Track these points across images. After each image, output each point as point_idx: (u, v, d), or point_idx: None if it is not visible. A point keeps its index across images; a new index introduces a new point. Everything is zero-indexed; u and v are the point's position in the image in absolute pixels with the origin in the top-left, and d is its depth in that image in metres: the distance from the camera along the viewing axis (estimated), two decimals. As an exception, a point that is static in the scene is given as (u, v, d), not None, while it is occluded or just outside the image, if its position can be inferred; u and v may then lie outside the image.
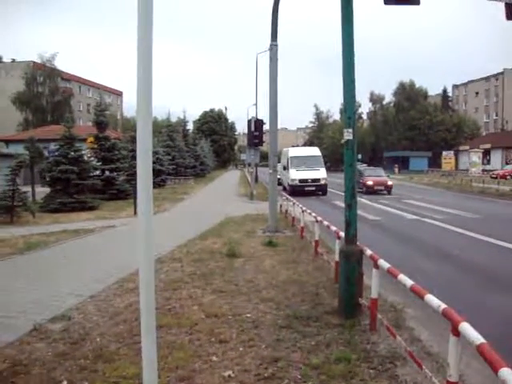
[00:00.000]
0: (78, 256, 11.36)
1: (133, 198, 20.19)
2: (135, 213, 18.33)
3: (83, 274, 9.23)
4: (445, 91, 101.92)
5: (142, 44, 2.77)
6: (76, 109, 76.74)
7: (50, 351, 5.39)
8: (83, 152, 24.47)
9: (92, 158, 27.46)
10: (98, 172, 27.59)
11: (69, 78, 75.05)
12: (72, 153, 22.75)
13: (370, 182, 31.11)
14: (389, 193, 31.05)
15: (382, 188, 31.37)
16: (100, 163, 28.07)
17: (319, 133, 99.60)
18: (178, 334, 5.91)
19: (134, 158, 28.65)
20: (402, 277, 5.09)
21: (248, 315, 6.65)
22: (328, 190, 30.99)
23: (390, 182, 32.00)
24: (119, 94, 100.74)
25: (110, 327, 6.19)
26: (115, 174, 28.53)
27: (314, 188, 30.68)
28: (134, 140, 31.03)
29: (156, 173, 37.78)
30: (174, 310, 6.96)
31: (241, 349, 5.46)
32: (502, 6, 12.76)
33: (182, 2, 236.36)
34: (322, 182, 30.85)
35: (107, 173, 28.18)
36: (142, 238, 2.90)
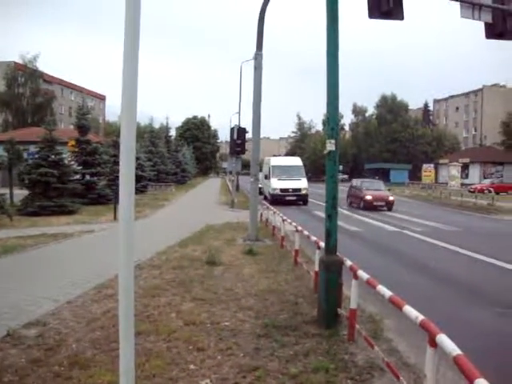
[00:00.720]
0: (55, 260, 11.22)
1: (113, 203, 20.05)
2: (115, 218, 18.20)
3: (61, 278, 9.10)
4: (426, 105, 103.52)
5: (128, 49, 2.76)
6: (58, 111, 75.95)
7: (24, 358, 5.28)
8: (64, 155, 24.27)
9: (73, 162, 27.24)
10: (78, 176, 27.38)
11: (51, 80, 74.27)
12: (52, 156, 22.57)
13: (368, 197, 27.45)
14: (389, 209, 27.36)
15: (383, 204, 27.78)
16: (81, 167, 27.86)
17: (301, 143, 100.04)
18: (155, 342, 5.85)
19: (115, 162, 28.55)
20: (380, 288, 5.13)
21: (226, 323, 6.62)
22: (309, 199, 31.09)
23: (391, 197, 28.19)
24: (102, 98, 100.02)
25: (86, 333, 6.10)
26: (96, 178, 28.30)
27: (294, 198, 30.77)
28: (115, 145, 30.88)
29: (137, 178, 37.50)
30: (153, 317, 6.89)
31: (219, 357, 5.43)
32: (482, 24, 13.08)
33: (168, 10, 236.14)
34: (303, 191, 30.94)
35: (88, 177, 27.92)
36: (122, 243, 2.87)
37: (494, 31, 13.01)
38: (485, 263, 12.04)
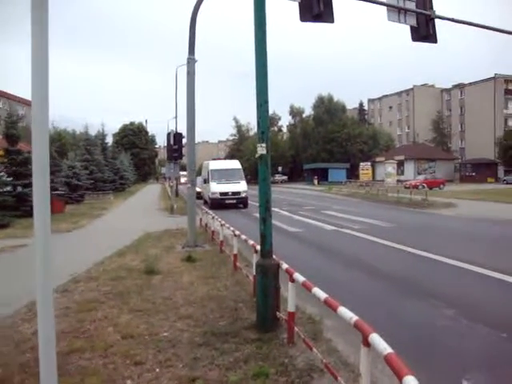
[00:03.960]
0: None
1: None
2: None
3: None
4: (361, 105, 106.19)
5: (37, 54, 2.62)
6: (-16, 121, 72.58)
7: None
8: (-9, 167, 23.22)
9: (2, 173, 26.09)
10: (9, 188, 26.20)
11: (-26, 88, 70.80)
12: (-22, 168, 21.54)
13: None
14: None
15: None
16: (11, 179, 26.69)
17: (240, 145, 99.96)
18: (91, 359, 5.63)
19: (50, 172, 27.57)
20: (316, 290, 5.14)
21: (165, 334, 6.49)
22: (249, 202, 31.14)
23: None
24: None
25: (14, 356, 5.78)
26: (29, 189, 27.15)
27: (234, 201, 30.70)
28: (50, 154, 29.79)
29: (73, 188, 36.60)
30: (88, 332, 6.65)
31: (157, 370, 5.30)
32: (408, 28, 13.63)
33: (102, 14, 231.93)
34: (243, 194, 30.94)
35: (20, 189, 26.77)
36: (39, 259, 2.70)
37: (419, 34, 13.64)
38: (419, 257, 12.39)
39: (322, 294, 4.96)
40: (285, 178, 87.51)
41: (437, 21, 13.81)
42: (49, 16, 2.56)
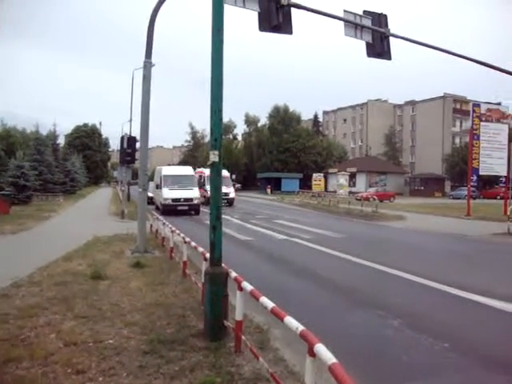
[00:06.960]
0: None
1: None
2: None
3: None
4: (316, 117, 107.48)
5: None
6: None
7: None
8: None
9: None
10: None
11: None
12: None
13: None
14: None
15: None
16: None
17: (195, 152, 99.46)
18: (29, 368, 5.39)
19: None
20: (263, 299, 5.13)
21: (110, 341, 6.33)
22: (201, 209, 31.01)
23: None
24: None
25: None
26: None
27: (186, 207, 30.53)
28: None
29: (20, 188, 35.49)
30: (28, 339, 6.39)
31: (100, 379, 5.16)
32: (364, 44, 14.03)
33: (57, 10, 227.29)
34: (195, 201, 30.83)
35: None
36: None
37: (374, 51, 14.07)
38: (367, 267, 12.60)
39: (269, 303, 4.95)
40: (238, 185, 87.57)
41: (392, 39, 14.26)
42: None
